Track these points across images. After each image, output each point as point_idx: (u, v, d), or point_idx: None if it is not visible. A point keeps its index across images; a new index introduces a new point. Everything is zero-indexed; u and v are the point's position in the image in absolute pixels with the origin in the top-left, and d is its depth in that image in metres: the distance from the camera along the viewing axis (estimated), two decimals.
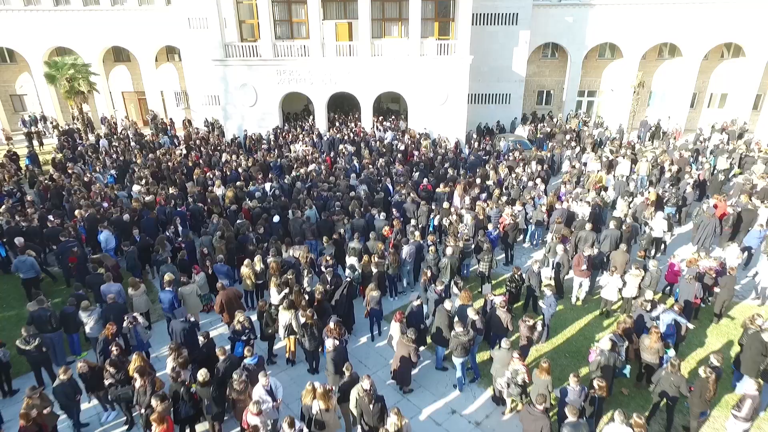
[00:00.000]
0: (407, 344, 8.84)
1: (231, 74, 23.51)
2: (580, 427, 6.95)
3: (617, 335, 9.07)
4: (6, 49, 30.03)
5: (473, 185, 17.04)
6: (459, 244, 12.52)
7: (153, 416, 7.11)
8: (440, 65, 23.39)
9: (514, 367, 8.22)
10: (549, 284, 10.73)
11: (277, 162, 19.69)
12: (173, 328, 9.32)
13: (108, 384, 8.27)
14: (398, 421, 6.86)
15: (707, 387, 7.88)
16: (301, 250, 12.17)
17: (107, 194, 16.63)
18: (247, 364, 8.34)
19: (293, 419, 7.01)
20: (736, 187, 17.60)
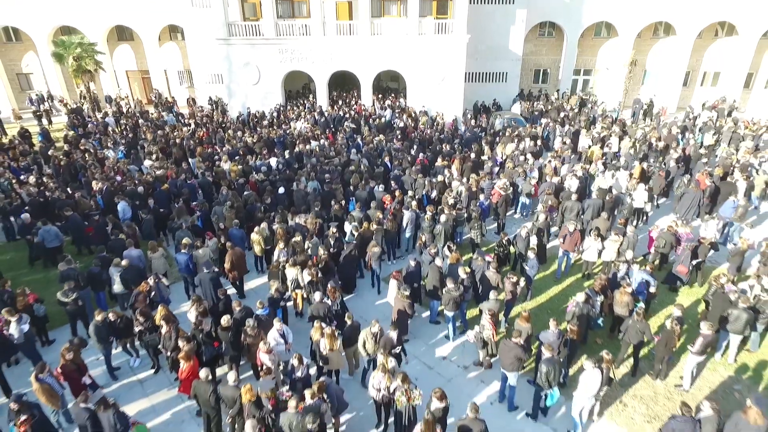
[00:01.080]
0: (402, 299, 9.87)
1: (234, 53, 24.15)
2: (553, 362, 8.00)
3: (592, 290, 10.09)
4: (11, 27, 30.50)
5: (468, 160, 17.92)
6: (453, 212, 13.49)
7: (181, 354, 8.19)
8: (438, 44, 24.01)
9: (482, 323, 9.26)
10: (533, 248, 11.71)
11: (281, 138, 20.52)
12: (201, 279, 10.39)
13: (138, 331, 9.32)
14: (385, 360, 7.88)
15: (672, 337, 8.93)
16: (308, 217, 13.14)
17: (120, 168, 17.53)
18: (259, 314, 9.40)
19: (302, 356, 8.08)
20: (720, 161, 18.45)
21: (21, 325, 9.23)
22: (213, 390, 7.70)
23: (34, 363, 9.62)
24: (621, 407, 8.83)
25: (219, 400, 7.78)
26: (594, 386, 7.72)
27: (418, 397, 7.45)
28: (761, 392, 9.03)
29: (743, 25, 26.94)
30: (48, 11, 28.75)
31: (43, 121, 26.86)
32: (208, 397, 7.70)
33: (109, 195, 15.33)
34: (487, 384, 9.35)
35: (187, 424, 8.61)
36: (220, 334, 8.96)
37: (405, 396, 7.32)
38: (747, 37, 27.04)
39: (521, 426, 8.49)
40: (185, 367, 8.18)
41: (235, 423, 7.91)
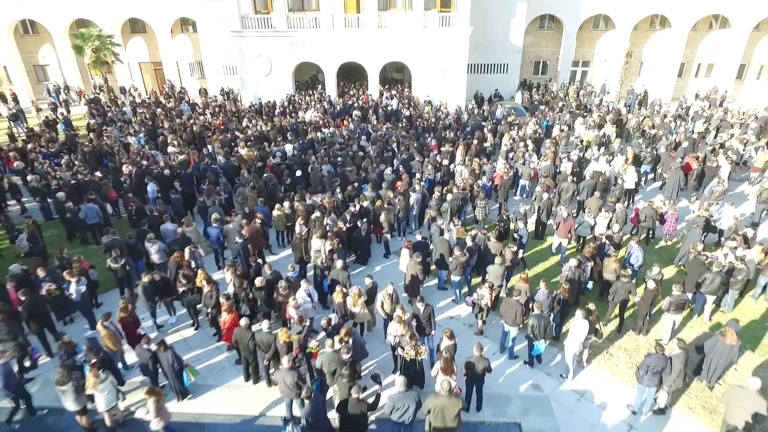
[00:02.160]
0: (415, 265, 11.09)
1: (247, 45, 25.24)
2: (542, 317, 9.23)
3: (583, 257, 11.32)
4: (29, 20, 31.54)
5: (471, 146, 19.10)
6: (458, 192, 14.70)
7: (224, 307, 9.43)
8: (442, 36, 25.09)
9: (481, 292, 10.46)
10: (522, 219, 13.00)
11: (294, 126, 21.68)
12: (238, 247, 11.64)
13: (181, 291, 10.56)
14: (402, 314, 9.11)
15: (655, 295, 10.15)
16: (325, 196, 14.36)
17: (145, 154, 18.70)
18: (288, 276, 10.64)
19: (330, 318, 9.31)
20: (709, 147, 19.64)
21: (79, 286, 10.47)
22: (251, 336, 8.94)
23: (88, 321, 10.95)
24: (607, 357, 10.09)
25: (256, 346, 9.02)
26: (582, 333, 8.96)
27: (424, 352, 8.67)
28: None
29: (736, 17, 27.97)
30: (65, 4, 29.76)
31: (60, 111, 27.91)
32: (248, 342, 8.95)
33: (138, 177, 16.54)
34: (490, 339, 10.60)
35: (227, 371, 9.87)
36: (255, 293, 10.21)
37: (414, 350, 8.51)
38: (739, 30, 28.07)
39: (519, 372, 9.75)
40: (228, 318, 9.41)
41: (270, 365, 9.19)
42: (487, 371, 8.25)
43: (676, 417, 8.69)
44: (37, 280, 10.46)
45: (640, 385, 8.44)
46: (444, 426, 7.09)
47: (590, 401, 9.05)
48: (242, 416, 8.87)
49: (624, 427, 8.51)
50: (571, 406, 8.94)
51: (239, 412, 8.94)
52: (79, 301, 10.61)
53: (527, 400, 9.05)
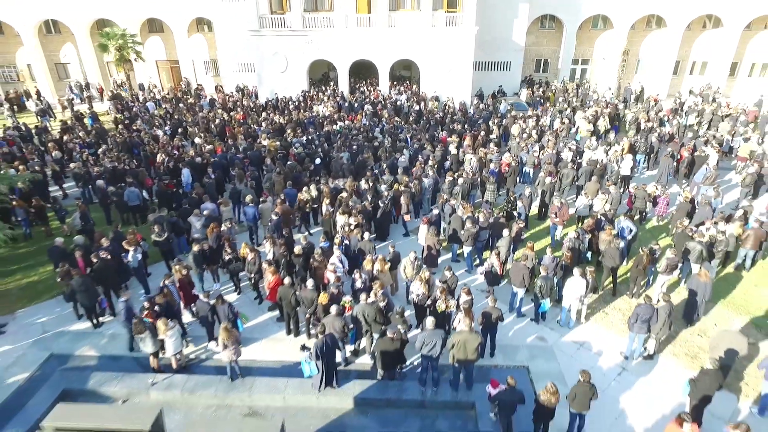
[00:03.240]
0: (432, 237, 12.48)
1: (264, 43, 26.64)
2: (548, 278, 10.63)
3: (582, 230, 12.73)
4: (51, 20, 32.92)
5: (478, 137, 20.51)
6: (468, 176, 16.11)
7: (270, 270, 10.80)
8: (449, 35, 26.48)
9: (491, 260, 11.83)
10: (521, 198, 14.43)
11: (311, 120, 23.08)
12: (273, 224, 13.02)
13: (227, 259, 11.94)
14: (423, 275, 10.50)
15: (643, 261, 11.55)
16: (347, 181, 15.75)
17: (175, 144, 20.09)
18: (322, 246, 12.04)
19: (362, 278, 10.69)
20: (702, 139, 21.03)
21: (136, 254, 11.86)
22: (294, 293, 10.32)
23: (143, 286, 12.33)
24: (603, 315, 11.49)
25: (298, 303, 10.40)
26: (580, 289, 10.37)
27: (452, 305, 10.06)
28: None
29: (728, 17, 29.35)
30: (88, 5, 31.11)
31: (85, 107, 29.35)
32: (290, 298, 10.32)
33: (172, 165, 17.92)
34: (500, 301, 11.94)
35: (270, 327, 11.25)
36: (294, 259, 11.60)
37: (444, 303, 9.90)
38: (731, 29, 29.45)
39: (526, 327, 11.15)
40: (272, 279, 10.79)
41: (311, 320, 10.57)
42: (500, 320, 9.65)
43: (663, 361, 10.08)
44: (101, 248, 11.82)
45: (631, 333, 9.84)
46: (465, 358, 8.48)
47: (588, 350, 10.45)
48: (284, 362, 10.23)
49: (617, 369, 9.90)
50: (572, 353, 10.33)
51: (282, 359, 10.30)
52: (136, 268, 12.00)
53: (533, 349, 10.43)
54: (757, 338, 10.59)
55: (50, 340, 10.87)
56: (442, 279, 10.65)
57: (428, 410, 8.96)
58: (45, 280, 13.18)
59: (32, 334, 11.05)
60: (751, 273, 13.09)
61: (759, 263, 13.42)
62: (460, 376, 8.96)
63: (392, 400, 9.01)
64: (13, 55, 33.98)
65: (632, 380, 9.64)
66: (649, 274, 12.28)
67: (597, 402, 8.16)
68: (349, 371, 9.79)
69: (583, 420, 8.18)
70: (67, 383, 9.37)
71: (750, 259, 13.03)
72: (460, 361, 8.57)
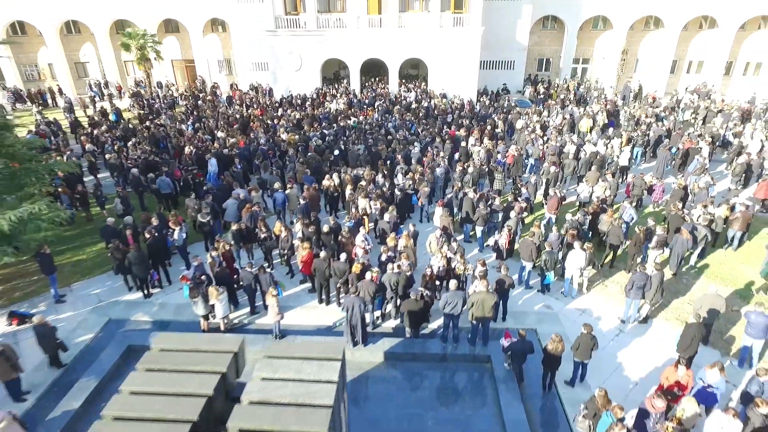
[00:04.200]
0: (446, 218, 13.74)
1: (280, 43, 27.91)
2: (552, 253, 11.90)
3: (584, 212, 14.00)
4: (72, 21, 34.20)
5: (484, 131, 21.78)
6: (476, 167, 17.37)
7: (305, 245, 12.04)
8: (455, 35, 27.74)
9: (499, 236, 13.08)
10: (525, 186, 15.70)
11: (326, 115, 24.35)
12: (301, 208, 14.27)
13: (263, 237, 13.20)
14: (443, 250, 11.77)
15: (639, 239, 12.81)
16: (365, 170, 17.00)
17: (199, 137, 21.35)
18: (347, 225, 13.29)
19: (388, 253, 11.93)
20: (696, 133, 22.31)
21: (181, 233, 13.13)
22: (328, 265, 11.57)
23: (185, 262, 13.57)
24: (603, 287, 12.76)
25: (331, 274, 11.65)
26: (580, 261, 11.63)
27: (470, 268, 11.32)
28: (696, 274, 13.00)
29: (723, 18, 30.61)
30: (108, 6, 32.36)
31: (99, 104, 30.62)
32: (324, 270, 11.58)
33: (198, 156, 19.18)
34: (510, 273, 13.20)
35: (303, 297, 12.50)
36: (323, 237, 12.86)
37: (463, 266, 11.17)
38: (726, 30, 30.71)
39: (534, 297, 12.41)
40: (306, 254, 12.04)
41: (341, 290, 11.81)
42: (512, 287, 10.92)
43: (656, 325, 11.34)
44: (151, 227, 13.07)
45: (627, 299, 11.10)
46: (483, 315, 9.74)
47: (589, 315, 11.70)
48: (318, 326, 11.49)
49: (615, 331, 11.17)
50: (575, 319, 11.58)
51: (316, 323, 11.55)
52: (181, 245, 13.27)
53: (541, 315, 11.69)
54: (740, 306, 11.84)
55: (106, 308, 12.12)
56: (452, 250, 11.93)
57: (449, 363, 10.23)
58: (92, 258, 14.47)
59: (89, 303, 12.32)
60: (738, 252, 14.35)
61: (746, 244, 14.68)
62: (478, 333, 10.22)
63: (417, 354, 10.28)
64: (35, 55, 35.27)
65: (628, 340, 10.91)
66: (644, 251, 13.51)
67: (597, 357, 9.43)
68: (379, 332, 11.03)
69: (585, 368, 9.44)
70: (130, 341, 10.64)
71: (737, 240, 14.29)
72: (478, 319, 9.83)
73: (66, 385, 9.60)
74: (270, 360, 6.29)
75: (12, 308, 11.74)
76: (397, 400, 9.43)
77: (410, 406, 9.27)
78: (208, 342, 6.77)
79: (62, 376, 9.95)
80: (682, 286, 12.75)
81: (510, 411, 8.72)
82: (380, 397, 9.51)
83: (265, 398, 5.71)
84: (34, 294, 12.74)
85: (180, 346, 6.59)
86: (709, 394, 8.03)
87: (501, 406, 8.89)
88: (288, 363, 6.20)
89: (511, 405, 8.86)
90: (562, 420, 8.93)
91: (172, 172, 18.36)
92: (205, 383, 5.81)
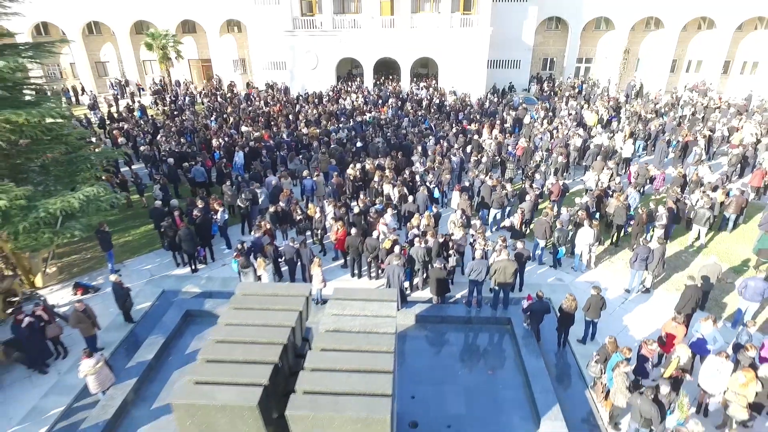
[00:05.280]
0: (464, 201, 14.98)
1: (298, 43, 29.20)
2: (563, 230, 13.15)
3: (591, 195, 15.25)
4: (93, 22, 35.50)
5: (494, 125, 23.07)
6: (489, 157, 18.66)
7: (340, 223, 13.28)
8: (465, 36, 29.00)
9: (514, 218, 14.34)
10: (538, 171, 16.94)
11: (343, 111, 25.63)
12: (329, 192, 15.51)
13: (298, 219, 14.44)
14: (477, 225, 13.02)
15: (642, 218, 14.06)
16: (386, 160, 18.27)
17: (225, 131, 22.61)
18: (376, 207, 14.54)
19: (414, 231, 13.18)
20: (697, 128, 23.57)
21: (223, 214, 14.39)
22: (361, 241, 12.81)
23: (225, 241, 14.83)
24: (609, 263, 14.02)
25: (364, 250, 12.88)
26: (588, 237, 12.87)
27: (490, 244, 12.55)
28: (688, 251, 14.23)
29: (720, 19, 31.86)
30: (129, 7, 33.63)
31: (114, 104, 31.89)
32: (357, 246, 12.81)
33: (226, 149, 20.45)
34: None
35: (336, 272, 13.73)
36: (354, 217, 14.10)
37: (483, 240, 12.40)
38: (724, 30, 31.96)
39: (547, 271, 13.66)
40: (340, 231, 13.27)
41: (371, 263, 13.03)
42: (529, 259, 12.16)
43: (657, 294, 12.59)
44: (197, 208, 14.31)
45: (632, 270, 12.33)
46: (504, 281, 10.99)
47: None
48: None
49: (621, 299, 12.41)
50: (584, 289, 12.72)
51: None
52: (222, 225, 14.53)
53: (553, 287, 12.92)
54: (734, 279, 13.06)
55: (159, 281, 13.37)
56: (474, 227, 13.19)
57: (473, 325, 11.47)
58: (138, 239, 15.74)
59: (143, 277, 13.57)
60: (733, 234, 15.59)
61: (740, 226, 15.92)
62: (499, 299, 11.46)
63: (445, 317, 11.53)
64: (57, 55, 36.49)
65: (633, 307, 12.15)
66: (647, 231, 14.73)
67: (604, 320, 10.69)
68: (410, 300, 12.22)
69: (595, 327, 10.68)
70: (187, 306, 11.89)
71: (732, 222, 15.54)
72: (500, 284, 11.08)
73: (134, 344, 10.86)
74: (338, 300, 7.55)
75: (76, 280, 13.00)
76: (430, 354, 10.69)
77: (442, 358, 10.53)
78: (283, 288, 8.06)
79: (129, 335, 11.21)
80: (681, 262, 14.01)
81: (531, 361, 9.95)
82: (416, 351, 10.74)
83: (339, 328, 6.98)
84: (91, 269, 14.00)
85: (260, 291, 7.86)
86: (702, 343, 9.24)
87: (522, 358, 10.12)
88: (353, 303, 7.46)
89: (531, 356, 10.09)
90: (575, 370, 10.18)
91: (203, 162, 19.67)
92: (287, 318, 7.08)
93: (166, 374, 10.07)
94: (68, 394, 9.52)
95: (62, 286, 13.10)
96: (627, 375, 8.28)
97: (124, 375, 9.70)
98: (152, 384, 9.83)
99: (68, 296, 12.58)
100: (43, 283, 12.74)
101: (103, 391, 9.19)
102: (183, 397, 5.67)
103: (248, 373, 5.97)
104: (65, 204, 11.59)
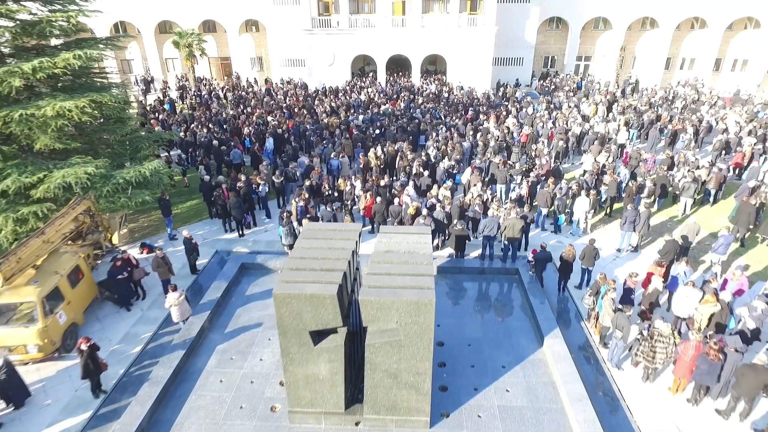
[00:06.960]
0: (476, 177, 17.00)
1: (316, 41, 31.29)
2: (563, 199, 15.16)
3: (589, 172, 17.26)
4: (120, 22, 37.64)
5: (500, 116, 25.11)
6: (496, 143, 20.69)
7: (367, 194, 15.30)
8: (472, 35, 31.06)
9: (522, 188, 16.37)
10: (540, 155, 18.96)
11: (358, 103, 27.69)
12: (354, 171, 17.54)
13: (327, 193, 16.46)
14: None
15: (632, 190, 16.05)
16: (404, 145, 20.31)
17: (253, 121, 24.67)
18: (401, 181, 16.57)
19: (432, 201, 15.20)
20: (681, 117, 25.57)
21: (264, 188, 16.43)
22: (386, 207, 14.82)
23: (266, 213, 16.86)
24: (603, 229, 16.04)
25: (389, 215, 14.90)
26: (585, 205, 14.88)
27: (503, 210, 14.55)
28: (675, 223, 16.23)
29: (712, 19, 33.92)
30: (155, 8, 35.81)
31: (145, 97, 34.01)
32: (383, 212, 14.82)
33: (257, 135, 22.52)
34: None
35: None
36: (380, 189, 16.13)
37: (497, 206, 14.41)
38: (715, 29, 34.01)
39: (548, 236, 15.63)
40: (369, 200, 15.29)
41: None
42: (532, 221, 14.18)
43: (644, 253, 14.59)
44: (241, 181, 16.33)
45: (622, 231, 14.33)
46: (513, 236, 13.01)
47: None
48: None
49: (613, 257, 14.42)
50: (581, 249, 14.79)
51: None
52: (263, 197, 16.58)
53: (554, 247, 14.89)
54: (711, 243, 15.04)
55: (211, 243, 15.38)
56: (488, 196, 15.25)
57: (486, 275, 13.48)
58: (187, 211, 17.78)
59: (197, 240, 15.57)
60: (713, 207, 17.60)
61: (720, 201, 17.92)
62: (508, 253, 13.47)
63: (462, 268, 13.55)
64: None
65: (623, 263, 14.16)
66: (636, 203, 16.69)
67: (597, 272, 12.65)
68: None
69: (590, 275, 12.68)
70: (242, 260, 13.92)
71: (713, 197, 17.55)
72: (509, 239, 13.11)
73: (199, 289, 12.89)
74: (385, 234, 9.58)
75: (142, 241, 15.05)
76: (451, 296, 12.70)
77: (461, 299, 12.55)
78: (340, 225, 10.12)
79: (194, 284, 13.23)
80: (666, 229, 16.01)
81: (535, 300, 11.96)
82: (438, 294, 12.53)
83: (390, 249, 9.00)
84: (150, 234, 16.05)
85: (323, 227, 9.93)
86: (676, 280, 11.25)
87: (529, 298, 12.12)
88: (396, 236, 9.49)
89: (536, 297, 12.09)
90: (572, 309, 12.19)
91: (236, 146, 21.76)
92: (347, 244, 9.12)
93: (231, 309, 12.11)
94: (153, 324, 11.55)
95: (129, 247, 15.13)
96: (613, 300, 10.28)
97: (198, 310, 11.71)
98: (221, 317, 11.86)
99: (136, 254, 14.59)
100: (119, 241, 14.76)
101: (183, 321, 11.20)
102: (281, 289, 7.68)
103: (325, 276, 7.98)
104: (137, 174, 13.69)
